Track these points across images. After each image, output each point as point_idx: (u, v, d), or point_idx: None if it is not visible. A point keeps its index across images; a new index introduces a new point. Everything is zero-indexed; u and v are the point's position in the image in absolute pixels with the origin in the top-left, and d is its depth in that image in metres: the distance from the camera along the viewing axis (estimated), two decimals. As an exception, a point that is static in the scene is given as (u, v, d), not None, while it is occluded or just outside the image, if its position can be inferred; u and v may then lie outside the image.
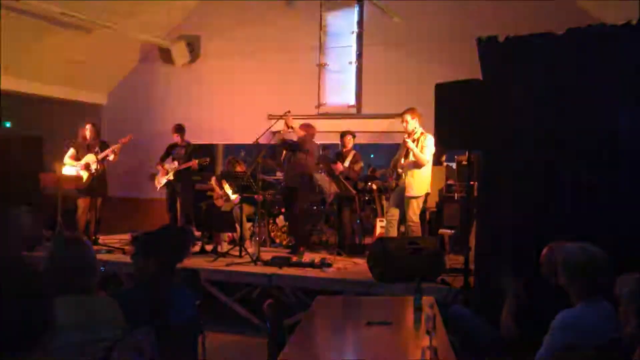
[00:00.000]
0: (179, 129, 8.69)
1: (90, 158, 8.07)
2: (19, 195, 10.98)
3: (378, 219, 7.94)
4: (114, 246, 7.92)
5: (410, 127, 6.90)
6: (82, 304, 2.58)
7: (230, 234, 8.22)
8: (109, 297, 2.81)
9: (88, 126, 8.18)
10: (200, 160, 8.28)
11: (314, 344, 3.32)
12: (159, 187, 8.72)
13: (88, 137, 8.13)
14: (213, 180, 8.92)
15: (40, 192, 10.37)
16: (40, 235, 7.59)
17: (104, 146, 8.19)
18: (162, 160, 8.68)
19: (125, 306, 2.80)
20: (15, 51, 9.12)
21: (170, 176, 8.51)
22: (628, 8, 5.69)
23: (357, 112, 9.65)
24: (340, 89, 9.73)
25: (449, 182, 8.61)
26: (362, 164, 8.28)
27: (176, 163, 8.51)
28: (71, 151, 8.22)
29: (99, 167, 8.04)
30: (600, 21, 4.64)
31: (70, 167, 8.15)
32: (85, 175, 8.05)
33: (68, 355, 2.40)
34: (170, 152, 8.71)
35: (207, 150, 10.06)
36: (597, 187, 4.45)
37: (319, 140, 8.22)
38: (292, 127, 7.46)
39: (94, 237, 8.10)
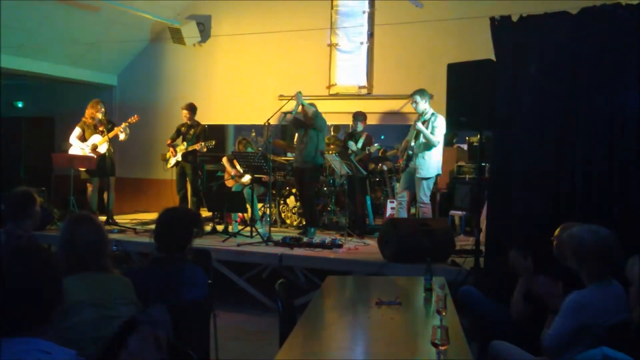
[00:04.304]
0: (190, 108, 8.66)
1: (96, 138, 8.07)
2: (31, 175, 11.11)
3: (389, 200, 7.94)
4: (125, 226, 7.99)
5: (420, 108, 6.87)
6: (96, 282, 2.62)
7: (241, 215, 8.26)
8: (122, 276, 2.84)
9: (99, 106, 8.15)
10: (206, 143, 8.28)
11: (324, 324, 3.34)
12: (168, 168, 8.74)
13: (100, 116, 8.11)
14: (224, 161, 8.95)
15: (52, 172, 10.49)
16: (52, 215, 7.68)
17: (111, 126, 8.18)
18: (173, 140, 8.68)
19: (138, 284, 2.84)
20: (26, 32, 9.14)
21: (179, 157, 8.53)
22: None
23: (368, 92, 9.60)
24: (351, 70, 9.67)
25: (460, 163, 8.58)
26: (377, 146, 8.31)
27: (185, 144, 8.51)
28: (78, 131, 8.19)
29: (109, 147, 8.06)
30: (614, 1, 4.56)
31: (77, 148, 8.15)
32: (94, 155, 8.06)
33: (83, 331, 2.44)
34: (179, 131, 8.70)
35: (215, 130, 10.07)
36: (610, 169, 4.43)
37: (330, 121, 8.19)
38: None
39: (106, 217, 8.18)
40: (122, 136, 8.15)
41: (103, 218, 8.19)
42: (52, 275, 1.82)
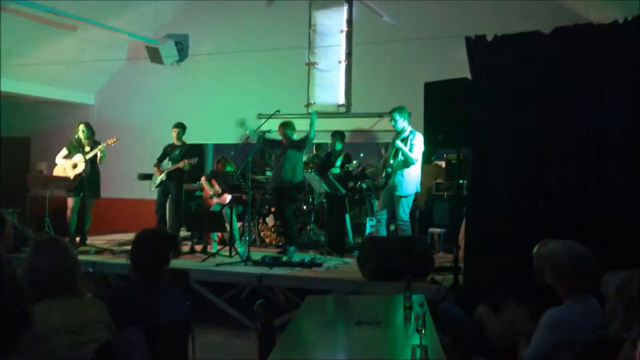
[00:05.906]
0: (183, 127, 8.59)
1: (77, 158, 8.02)
2: (6, 196, 10.93)
3: (368, 218, 7.95)
4: (102, 247, 7.88)
5: (399, 126, 6.92)
6: (69, 307, 2.56)
7: (220, 234, 8.19)
8: (96, 299, 2.79)
9: (81, 126, 8.12)
10: (188, 161, 8.22)
11: (304, 344, 3.32)
12: (153, 188, 8.63)
13: (80, 137, 8.07)
14: (203, 180, 8.89)
15: (28, 192, 10.33)
16: (26, 236, 7.54)
17: (95, 146, 8.11)
18: (160, 160, 8.60)
19: (114, 307, 2.79)
20: (1, 51, 9.05)
21: (163, 176, 8.44)
22: (612, 8, 5.73)
23: (347, 110, 9.65)
24: (330, 88, 9.72)
25: (438, 180, 8.64)
26: (356, 164, 8.35)
27: (170, 163, 8.45)
28: (64, 151, 8.16)
29: (87, 167, 7.96)
30: (587, 20, 4.66)
31: (60, 167, 8.11)
32: (72, 175, 7.99)
33: (56, 358, 2.39)
34: (167, 152, 8.64)
35: (197, 150, 10.02)
36: (586, 185, 4.49)
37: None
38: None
39: (80, 238, 8.07)
40: (99, 156, 8.08)
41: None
42: (16, 297, 1.79)
